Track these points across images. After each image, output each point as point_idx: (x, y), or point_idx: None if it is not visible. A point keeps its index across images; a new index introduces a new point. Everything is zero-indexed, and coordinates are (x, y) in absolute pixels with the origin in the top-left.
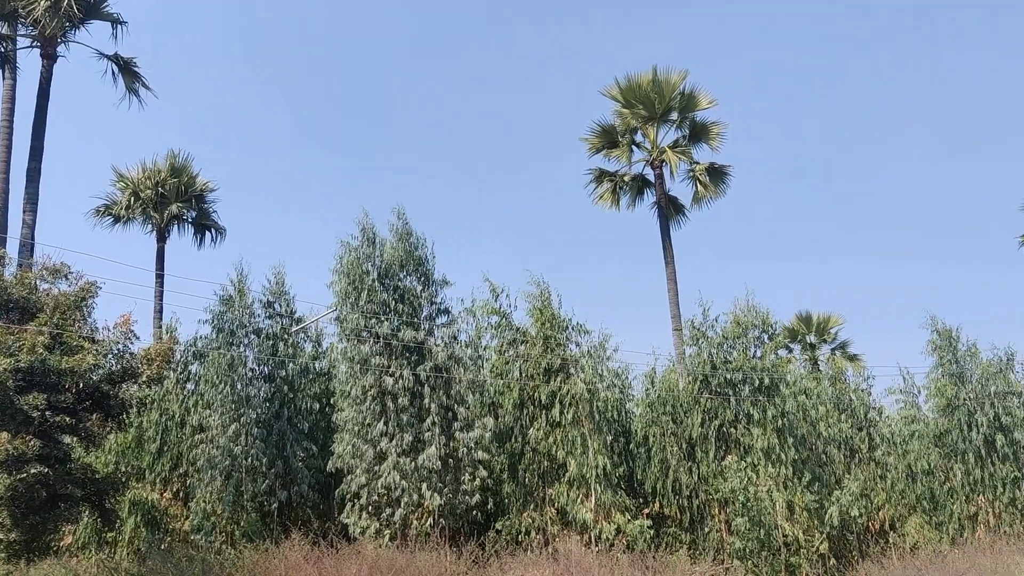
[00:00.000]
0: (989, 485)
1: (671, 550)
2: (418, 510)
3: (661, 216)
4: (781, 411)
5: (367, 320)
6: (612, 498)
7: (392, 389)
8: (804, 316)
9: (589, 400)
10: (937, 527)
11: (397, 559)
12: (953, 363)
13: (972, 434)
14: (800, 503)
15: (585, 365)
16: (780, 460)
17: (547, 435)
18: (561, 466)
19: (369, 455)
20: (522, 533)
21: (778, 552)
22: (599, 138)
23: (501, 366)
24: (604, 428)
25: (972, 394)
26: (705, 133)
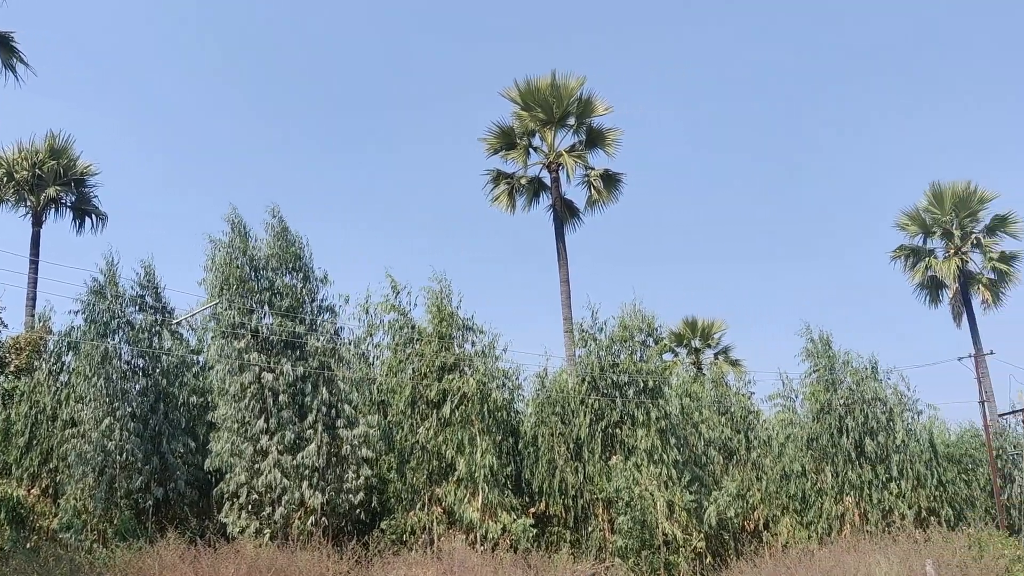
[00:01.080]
0: (856, 487)
1: (555, 549)
2: (300, 509)
3: (556, 219)
4: (664, 413)
5: (243, 316)
6: (499, 497)
7: (272, 386)
8: (690, 321)
9: (480, 399)
10: (807, 527)
11: (277, 558)
12: (826, 369)
13: (842, 438)
14: (680, 503)
15: (478, 364)
16: (662, 461)
17: (437, 434)
18: (450, 465)
19: (249, 453)
20: (407, 532)
21: (658, 551)
22: (497, 139)
23: (396, 364)
24: (494, 428)
25: (843, 399)
26: (601, 139)
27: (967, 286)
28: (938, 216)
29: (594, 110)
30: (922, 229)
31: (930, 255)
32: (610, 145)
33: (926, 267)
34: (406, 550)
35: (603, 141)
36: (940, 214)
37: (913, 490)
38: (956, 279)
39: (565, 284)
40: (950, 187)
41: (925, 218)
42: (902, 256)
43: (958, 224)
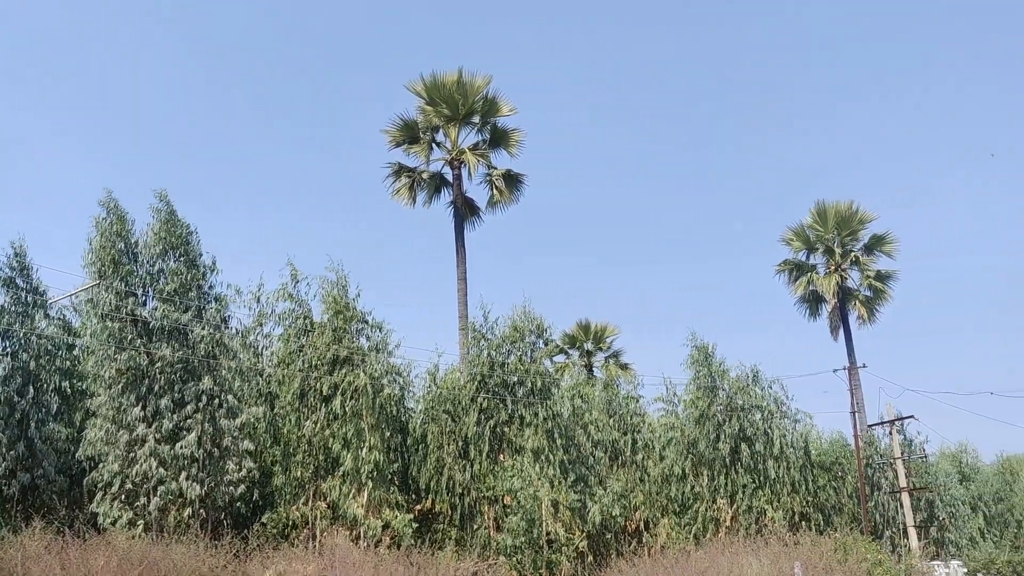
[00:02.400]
0: (730, 491)
1: (440, 546)
2: (177, 500)
3: (457, 216)
4: (553, 413)
5: (121, 300)
6: (385, 494)
7: (151, 372)
8: (584, 324)
9: (372, 395)
10: (685, 528)
11: (150, 551)
12: (707, 377)
13: (720, 443)
14: (565, 502)
15: (372, 359)
16: (549, 460)
17: (325, 428)
18: (336, 460)
19: (124, 441)
20: (289, 527)
21: (541, 549)
22: (401, 132)
23: (286, 355)
24: (383, 424)
25: (722, 407)
26: (505, 139)
27: (845, 301)
28: (821, 233)
29: (499, 110)
30: (806, 245)
31: (812, 270)
32: (513, 145)
33: (808, 281)
34: (287, 545)
35: (507, 141)
36: (823, 232)
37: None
38: (835, 294)
39: (463, 282)
40: (834, 206)
41: (809, 235)
42: (787, 270)
43: (839, 242)
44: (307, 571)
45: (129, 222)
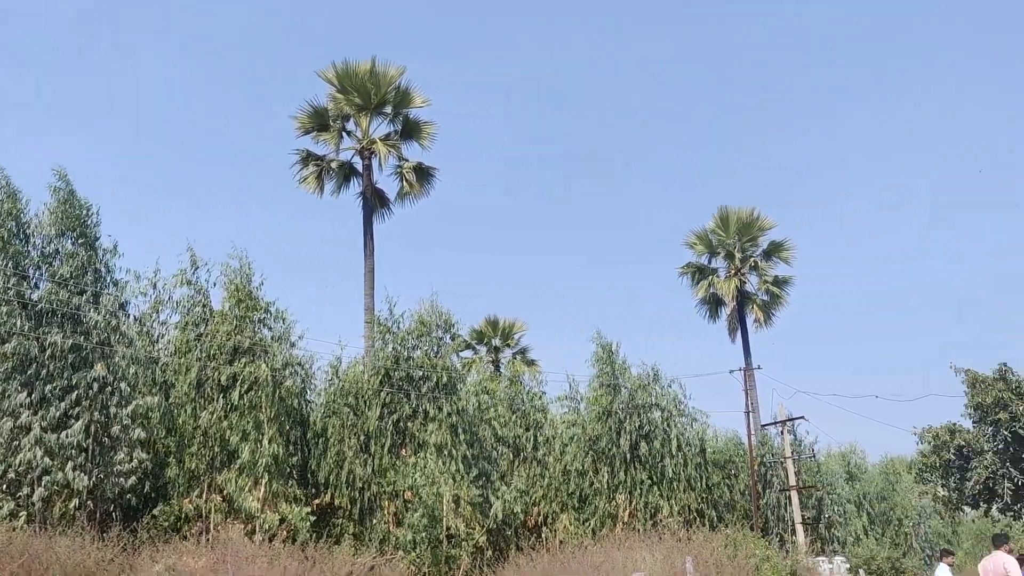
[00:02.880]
0: (628, 487)
1: (337, 541)
2: (63, 491)
3: (366, 207)
4: (457, 409)
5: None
6: (283, 488)
7: (39, 358)
8: (492, 320)
9: (272, 386)
10: (583, 523)
11: (32, 543)
12: (610, 375)
13: (620, 440)
14: (466, 497)
15: (273, 350)
16: (452, 456)
17: (222, 419)
18: (233, 452)
19: (7, 428)
20: (182, 520)
21: (441, 544)
22: (310, 119)
23: (183, 343)
24: (283, 416)
25: (623, 404)
26: (417, 131)
27: (743, 305)
28: (723, 238)
29: (411, 101)
30: (708, 249)
31: (713, 274)
32: (425, 138)
33: (709, 284)
34: (179, 538)
35: (418, 133)
36: (725, 236)
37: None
38: (734, 298)
39: (370, 274)
40: (736, 212)
41: (712, 239)
42: (689, 272)
43: (740, 247)
44: (198, 565)
45: (22, 200)
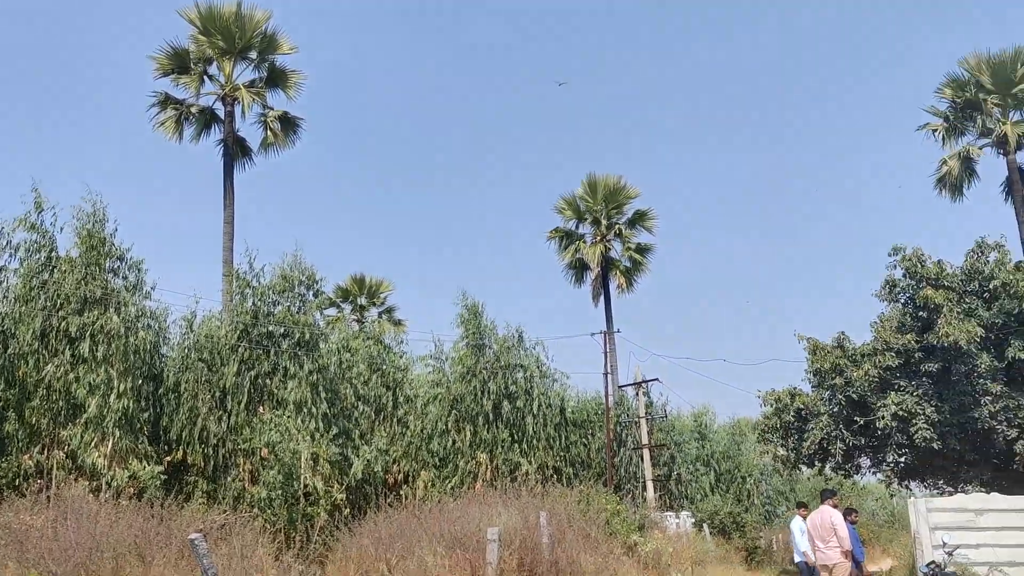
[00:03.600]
0: (490, 445)
1: (188, 499)
2: None
3: (227, 155)
4: (318, 366)
5: None
6: (133, 444)
7: None
8: (358, 278)
9: (124, 339)
10: (444, 481)
11: None
12: (476, 336)
13: (484, 400)
14: (326, 456)
15: (127, 300)
16: (312, 414)
17: (68, 372)
18: (80, 406)
19: None
20: (21, 477)
21: (298, 502)
22: (170, 60)
23: (26, 292)
24: (135, 370)
25: (488, 365)
26: (283, 79)
27: (607, 271)
28: (590, 204)
29: (278, 47)
30: (576, 215)
31: (580, 239)
32: (292, 87)
33: (576, 250)
34: (17, 496)
35: (285, 82)
36: (592, 203)
37: (542, 450)
38: (599, 263)
39: (229, 225)
40: (603, 179)
41: (580, 205)
42: (557, 237)
43: (606, 214)
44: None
45: None
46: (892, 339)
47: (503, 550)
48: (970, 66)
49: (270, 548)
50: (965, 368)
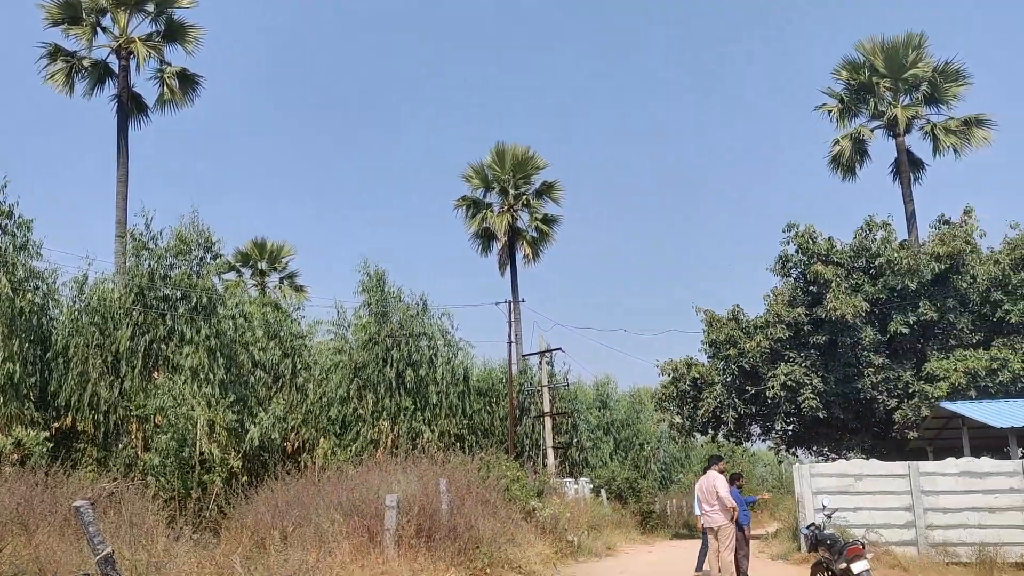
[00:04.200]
0: (393, 413)
1: (79, 466)
2: None
3: (121, 112)
4: (216, 332)
5: None
6: (18, 410)
7: None
8: (259, 242)
9: (11, 299)
10: (345, 449)
11: None
12: (379, 303)
13: (387, 368)
14: (222, 423)
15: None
16: (208, 380)
17: None
18: None
19: None
20: None
21: (193, 469)
22: (61, 9)
23: None
24: (22, 333)
25: (391, 333)
26: (182, 34)
27: (514, 241)
28: (499, 174)
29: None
30: (484, 184)
31: (487, 208)
32: (190, 42)
33: (483, 219)
34: None
35: (183, 36)
36: (500, 172)
37: (444, 418)
38: (506, 233)
39: (123, 184)
40: (512, 149)
41: (488, 174)
42: (464, 206)
43: (513, 184)
44: None
45: None
46: (784, 312)
47: (402, 517)
48: (865, 50)
49: (162, 516)
50: (850, 341)
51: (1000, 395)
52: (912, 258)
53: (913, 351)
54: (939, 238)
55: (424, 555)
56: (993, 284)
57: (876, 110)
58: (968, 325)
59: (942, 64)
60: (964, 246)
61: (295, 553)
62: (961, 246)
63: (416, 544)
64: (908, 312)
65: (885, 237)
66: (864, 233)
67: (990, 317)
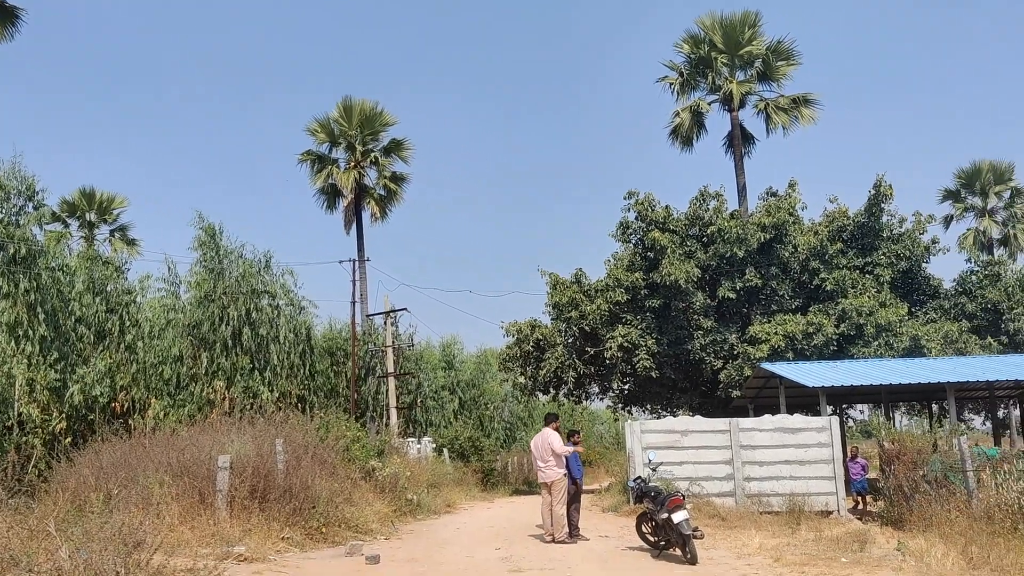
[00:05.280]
0: (229, 373)
1: None
2: None
3: None
4: (36, 285)
5: None
6: None
7: None
8: (87, 192)
9: None
10: (178, 409)
11: None
12: (215, 259)
13: (223, 327)
14: (43, 382)
15: None
16: (28, 337)
17: None
18: None
19: None
20: None
21: (11, 431)
22: None
23: None
24: None
25: (228, 290)
26: None
27: (361, 198)
28: (345, 129)
29: None
30: (330, 138)
31: (333, 164)
32: None
33: (328, 175)
34: None
35: None
36: (347, 127)
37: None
38: (352, 190)
39: None
40: (360, 104)
41: (334, 128)
42: (309, 160)
43: (361, 140)
44: None
45: None
46: (623, 277)
47: (235, 478)
48: (705, 25)
49: None
50: (683, 305)
51: (815, 357)
52: (741, 228)
53: (739, 315)
54: (765, 209)
55: (258, 516)
56: (812, 254)
57: (714, 84)
58: (789, 291)
59: (775, 43)
60: (788, 217)
61: (119, 516)
62: (785, 217)
63: (249, 505)
64: (735, 278)
65: (717, 207)
66: (699, 203)
67: (808, 284)
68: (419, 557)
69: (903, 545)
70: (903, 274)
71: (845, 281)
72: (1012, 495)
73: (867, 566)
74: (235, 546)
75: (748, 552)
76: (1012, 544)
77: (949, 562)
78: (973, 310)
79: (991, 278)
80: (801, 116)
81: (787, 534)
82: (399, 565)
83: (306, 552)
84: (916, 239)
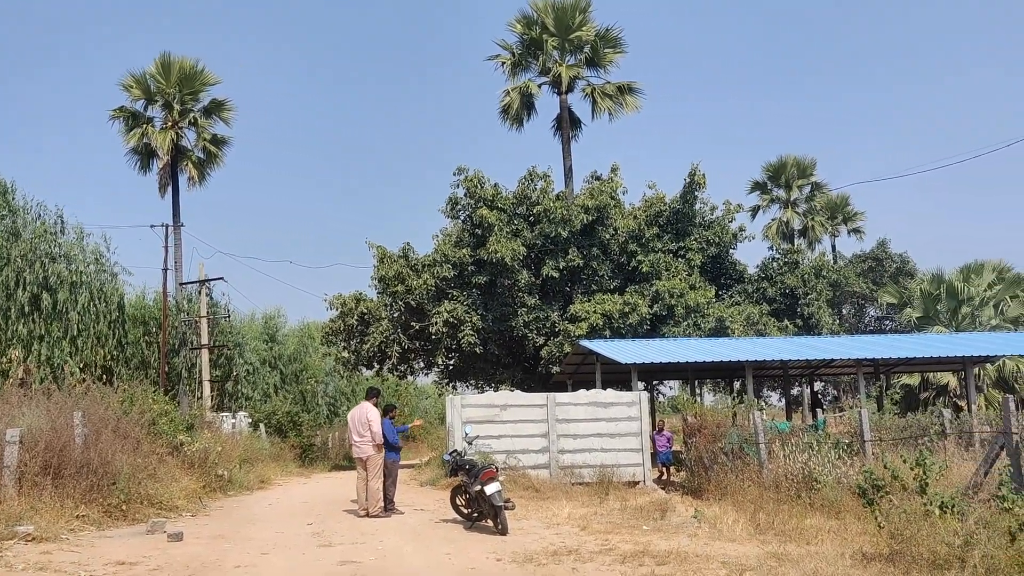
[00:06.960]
0: (26, 341)
1: None
2: None
3: None
4: None
5: None
6: None
7: None
8: None
9: None
10: None
11: None
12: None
13: (18, 291)
14: None
15: None
16: None
17: None
18: None
19: None
20: None
21: None
22: None
23: None
24: None
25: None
26: None
27: (178, 160)
28: (163, 86)
29: None
30: (145, 95)
31: (149, 123)
32: None
33: (143, 134)
34: None
35: None
36: (165, 85)
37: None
38: (169, 151)
39: None
40: (179, 61)
41: (151, 85)
42: (122, 117)
43: (180, 99)
44: None
45: None
46: (450, 252)
47: (26, 453)
48: (538, 8)
49: None
50: (508, 282)
51: (630, 335)
52: (566, 209)
53: (561, 294)
54: (589, 192)
55: (50, 493)
56: (630, 236)
57: (544, 67)
58: (608, 272)
59: (604, 30)
60: (609, 201)
61: None
62: (607, 201)
63: (42, 482)
64: (559, 258)
65: (544, 188)
66: (527, 183)
67: (626, 266)
68: (226, 534)
69: (700, 513)
70: (712, 259)
71: (660, 264)
72: (797, 465)
73: (665, 533)
74: (22, 525)
75: (558, 522)
76: (795, 510)
77: (739, 528)
78: (773, 294)
79: (790, 265)
80: (625, 104)
81: (596, 504)
82: (204, 542)
83: (104, 530)
84: (725, 226)
